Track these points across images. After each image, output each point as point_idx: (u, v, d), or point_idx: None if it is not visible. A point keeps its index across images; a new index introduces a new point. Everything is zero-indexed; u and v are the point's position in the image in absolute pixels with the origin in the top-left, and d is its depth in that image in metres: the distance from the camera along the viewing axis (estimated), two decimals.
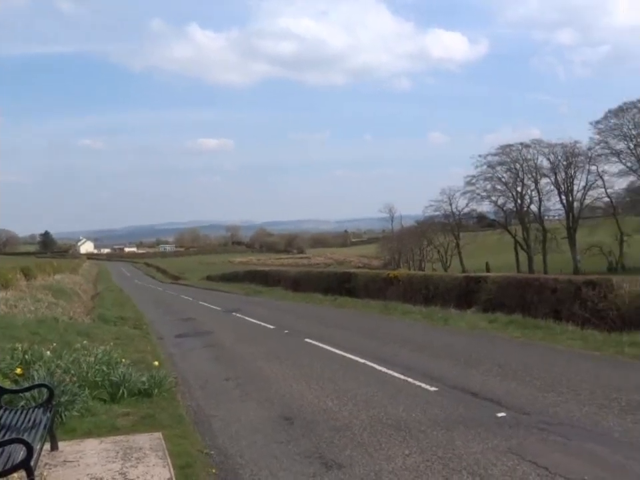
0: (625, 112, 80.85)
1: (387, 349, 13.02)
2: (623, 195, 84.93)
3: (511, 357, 11.17)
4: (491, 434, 6.63)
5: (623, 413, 7.18)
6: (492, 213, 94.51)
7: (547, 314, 15.51)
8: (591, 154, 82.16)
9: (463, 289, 20.16)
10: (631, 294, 13.86)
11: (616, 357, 10.80)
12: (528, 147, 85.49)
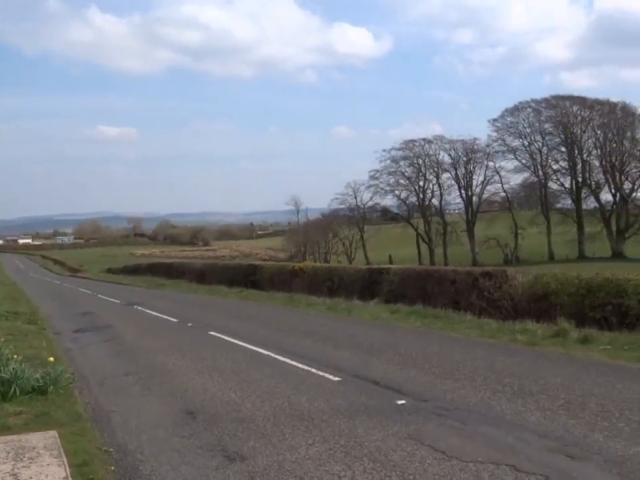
0: (521, 111, 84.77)
1: (291, 340, 13.08)
2: (518, 190, 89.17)
3: (411, 346, 11.49)
4: (392, 421, 6.78)
5: (515, 397, 7.53)
6: (395, 207, 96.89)
7: (447, 304, 16.06)
8: (489, 150, 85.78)
9: (366, 280, 20.54)
10: (524, 284, 14.55)
11: (509, 345, 11.32)
12: (430, 142, 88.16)
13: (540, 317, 13.31)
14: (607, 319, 12.20)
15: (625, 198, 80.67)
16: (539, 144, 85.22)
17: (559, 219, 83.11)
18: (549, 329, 12.05)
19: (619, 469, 5.18)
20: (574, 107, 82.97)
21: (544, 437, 6.02)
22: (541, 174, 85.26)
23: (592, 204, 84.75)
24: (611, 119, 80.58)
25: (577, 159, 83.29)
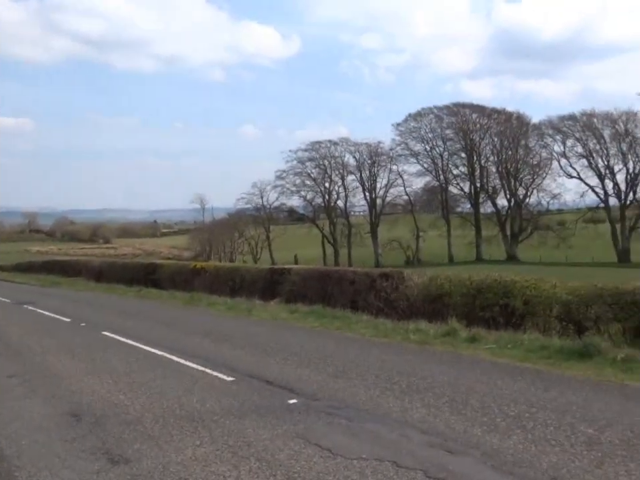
0: (423, 116, 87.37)
1: (188, 340, 12.90)
2: (420, 193, 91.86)
3: (307, 346, 11.59)
4: (281, 420, 6.82)
5: (402, 395, 7.75)
6: (301, 207, 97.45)
7: (345, 304, 16.31)
8: (392, 154, 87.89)
9: (268, 280, 20.54)
10: (419, 285, 14.98)
11: (402, 344, 11.63)
12: (336, 144, 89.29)
13: (433, 317, 13.74)
14: (494, 319, 12.75)
15: (519, 203, 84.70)
16: (440, 149, 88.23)
17: (459, 223, 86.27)
18: (441, 329, 12.45)
19: (493, 461, 5.43)
20: (473, 114, 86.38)
21: (426, 433, 6.23)
22: (442, 178, 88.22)
23: (489, 208, 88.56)
24: (507, 128, 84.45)
25: (475, 165, 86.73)
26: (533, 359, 9.70)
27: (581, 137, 79.55)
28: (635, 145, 76.78)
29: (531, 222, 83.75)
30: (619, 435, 5.98)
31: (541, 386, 7.98)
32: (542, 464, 5.33)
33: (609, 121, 77.84)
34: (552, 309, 12.11)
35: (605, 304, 11.14)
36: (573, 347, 9.84)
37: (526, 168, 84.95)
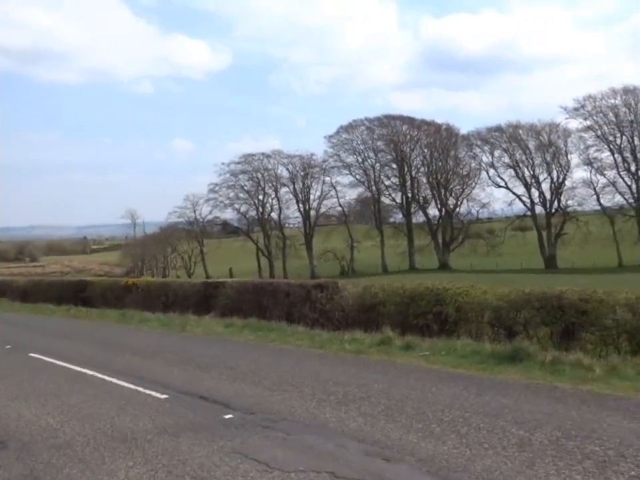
0: (355, 128, 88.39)
1: (119, 358, 12.57)
2: (353, 204, 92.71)
3: (242, 360, 11.48)
4: (217, 436, 6.71)
5: (339, 405, 7.76)
6: (235, 220, 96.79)
7: (281, 316, 16.26)
8: (325, 166, 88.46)
9: (201, 295, 20.29)
10: (353, 295, 15.08)
11: (338, 354, 11.66)
12: (269, 157, 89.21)
13: (368, 326, 13.85)
14: (428, 326, 12.95)
15: (450, 213, 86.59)
16: (372, 160, 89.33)
17: (391, 232, 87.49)
18: (376, 338, 12.55)
19: (429, 467, 5.48)
20: (404, 126, 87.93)
21: (363, 442, 6.24)
22: (374, 189, 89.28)
23: (421, 218, 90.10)
24: (437, 139, 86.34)
25: (406, 176, 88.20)
26: (465, 364, 9.88)
27: (508, 147, 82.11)
28: (558, 155, 79.80)
29: (461, 231, 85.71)
30: (549, 436, 6.14)
31: (474, 391, 8.13)
32: (476, 467, 5.41)
33: (533, 132, 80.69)
34: (483, 314, 12.40)
35: (533, 309, 11.48)
36: (504, 352, 10.08)
37: (456, 178, 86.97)
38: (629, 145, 76.22)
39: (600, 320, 10.61)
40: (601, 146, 77.77)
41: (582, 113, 77.61)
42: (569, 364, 9.13)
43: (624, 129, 76.12)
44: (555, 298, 11.24)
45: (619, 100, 75.89)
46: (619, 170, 76.86)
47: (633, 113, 75.33)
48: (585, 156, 78.52)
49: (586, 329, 10.93)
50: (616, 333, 10.49)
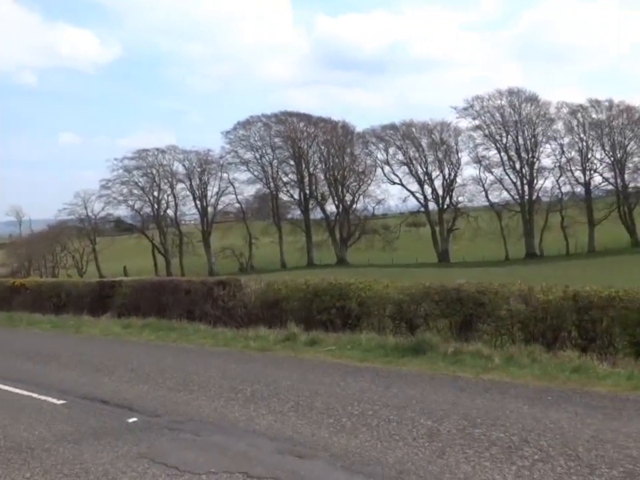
0: (252, 125, 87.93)
1: (9, 363, 11.84)
2: (251, 201, 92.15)
3: (144, 361, 11.10)
4: (122, 441, 6.43)
5: (247, 403, 7.64)
6: (129, 217, 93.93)
7: (182, 315, 15.86)
8: (222, 162, 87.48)
9: (97, 294, 19.49)
10: (256, 292, 14.94)
11: (243, 352, 11.51)
12: (164, 152, 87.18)
13: (272, 322, 13.77)
14: (332, 321, 13.02)
15: (347, 209, 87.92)
16: (269, 157, 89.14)
17: (290, 229, 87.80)
18: (281, 334, 12.49)
19: (342, 461, 5.48)
20: (301, 123, 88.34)
21: (275, 440, 6.17)
22: (272, 186, 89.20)
23: (319, 214, 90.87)
24: (333, 136, 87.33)
25: (304, 172, 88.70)
26: (371, 358, 10.00)
27: (402, 145, 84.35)
28: (450, 153, 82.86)
29: (358, 226, 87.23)
30: (456, 425, 6.30)
31: (381, 384, 8.24)
32: (388, 459, 5.47)
33: (426, 131, 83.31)
34: (385, 308, 12.60)
35: (433, 302, 11.79)
36: (408, 344, 10.29)
37: (352, 175, 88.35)
38: (514, 144, 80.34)
39: (496, 311, 11.03)
40: (488, 144, 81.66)
41: (471, 113, 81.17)
42: (470, 354, 9.44)
43: (509, 129, 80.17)
44: (454, 291, 11.58)
45: (505, 101, 79.89)
46: (505, 168, 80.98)
47: (517, 113, 79.44)
48: (474, 154, 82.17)
49: (483, 320, 11.34)
50: (510, 323, 10.94)
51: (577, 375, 8.12)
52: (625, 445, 5.48)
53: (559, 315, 10.32)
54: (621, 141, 79.91)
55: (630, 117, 79.24)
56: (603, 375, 8.04)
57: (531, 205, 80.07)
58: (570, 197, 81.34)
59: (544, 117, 79.84)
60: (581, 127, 79.77)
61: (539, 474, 4.99)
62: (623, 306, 9.66)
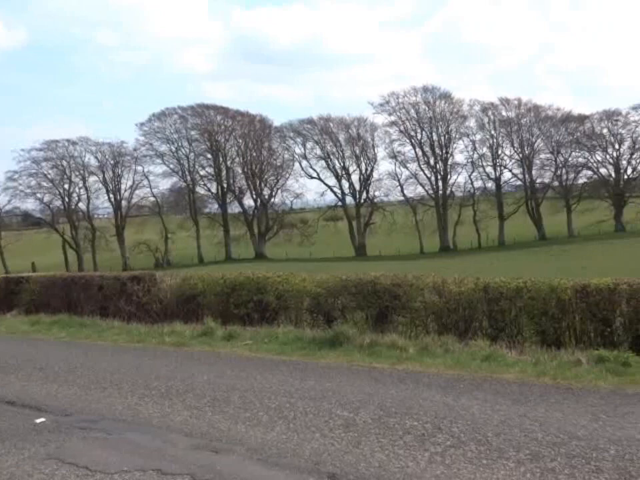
0: (168, 117, 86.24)
1: None
2: (167, 194, 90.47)
3: (54, 359, 10.69)
4: (29, 442, 6.18)
5: (162, 399, 7.50)
6: (38, 211, 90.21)
7: (94, 311, 15.41)
8: (137, 154, 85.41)
9: (2, 291, 18.66)
10: (172, 287, 14.68)
11: (158, 347, 11.27)
12: (75, 144, 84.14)
13: (189, 317, 13.57)
14: (249, 315, 12.96)
15: (265, 203, 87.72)
16: (186, 150, 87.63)
17: (207, 223, 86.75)
18: (197, 329, 12.33)
19: (259, 455, 5.46)
20: (218, 116, 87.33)
21: (190, 436, 6.08)
22: (189, 179, 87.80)
23: (236, 208, 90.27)
24: (251, 130, 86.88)
25: (222, 166, 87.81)
26: (288, 351, 10.01)
27: (319, 140, 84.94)
28: (366, 148, 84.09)
29: (276, 221, 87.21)
30: (372, 415, 6.39)
31: (299, 376, 8.26)
32: (305, 451, 5.49)
33: (343, 126, 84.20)
34: (303, 301, 12.66)
35: (350, 294, 11.93)
36: (325, 337, 10.35)
37: (270, 169, 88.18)
38: (428, 140, 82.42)
39: (410, 303, 11.28)
40: (404, 140, 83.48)
41: (387, 109, 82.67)
42: (385, 345, 9.59)
43: (424, 125, 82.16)
44: (370, 283, 11.75)
45: (420, 98, 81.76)
46: (420, 163, 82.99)
47: (432, 110, 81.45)
48: (390, 149, 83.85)
49: (398, 311, 11.57)
50: (425, 314, 11.21)
51: (487, 363, 8.39)
52: (531, 429, 5.71)
53: (471, 306, 10.65)
54: (529, 138, 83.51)
55: (537, 115, 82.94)
56: (512, 362, 8.34)
57: (445, 199, 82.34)
58: (482, 191, 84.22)
59: (457, 114, 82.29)
60: (492, 125, 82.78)
61: (451, 459, 5.14)
62: (530, 296, 10.06)
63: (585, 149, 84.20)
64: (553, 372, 7.67)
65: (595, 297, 9.64)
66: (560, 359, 8.26)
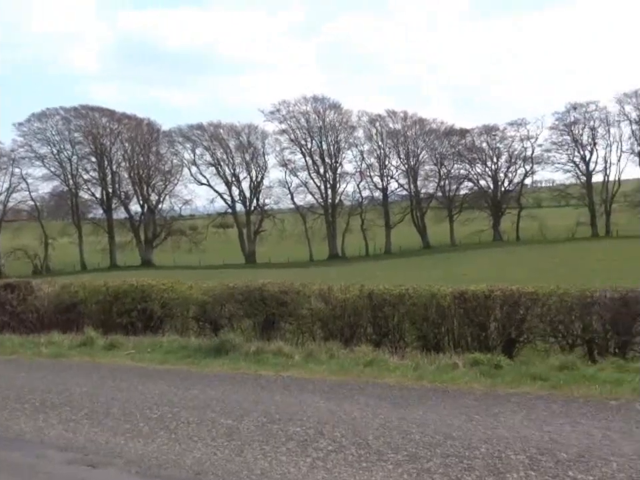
0: (49, 117, 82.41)
1: None
2: (47, 199, 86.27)
3: None
4: None
5: (36, 413, 7.14)
6: None
7: None
8: (14, 156, 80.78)
9: None
10: (50, 295, 14.03)
11: (33, 359, 10.71)
12: None
13: (68, 327, 12.99)
14: (133, 324, 12.62)
15: (152, 209, 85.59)
16: (68, 152, 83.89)
17: (91, 229, 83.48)
18: (77, 339, 11.84)
19: (137, 467, 5.33)
20: (103, 118, 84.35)
21: (65, 450, 5.83)
22: (71, 183, 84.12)
23: (122, 214, 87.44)
24: (138, 134, 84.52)
25: (107, 170, 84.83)
26: (172, 360, 9.81)
27: (209, 146, 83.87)
28: (257, 155, 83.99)
29: (164, 227, 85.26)
30: (255, 422, 6.39)
31: (182, 385, 8.11)
32: (186, 461, 5.41)
33: (233, 133, 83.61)
34: (189, 310, 12.50)
35: (237, 302, 11.89)
36: (211, 345, 10.23)
37: (158, 174, 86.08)
38: (318, 149, 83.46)
39: (297, 310, 11.39)
40: (294, 149, 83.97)
41: (278, 117, 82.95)
42: (272, 353, 9.60)
43: (314, 134, 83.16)
44: (257, 291, 11.76)
45: (310, 107, 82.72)
46: (310, 172, 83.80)
47: (322, 119, 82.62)
48: (280, 157, 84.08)
49: (285, 319, 11.65)
50: (311, 321, 11.35)
51: (370, 368, 8.59)
52: (409, 431, 5.91)
53: (356, 313, 10.89)
54: (414, 150, 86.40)
55: (422, 127, 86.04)
56: (393, 367, 8.58)
57: (334, 208, 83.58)
58: (369, 201, 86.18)
59: (346, 125, 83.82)
60: (379, 136, 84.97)
61: (332, 464, 5.22)
62: (412, 302, 10.43)
63: (466, 162, 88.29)
64: (431, 375, 7.96)
65: (471, 302, 10.13)
66: (438, 363, 8.59)
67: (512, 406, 6.58)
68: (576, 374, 7.70)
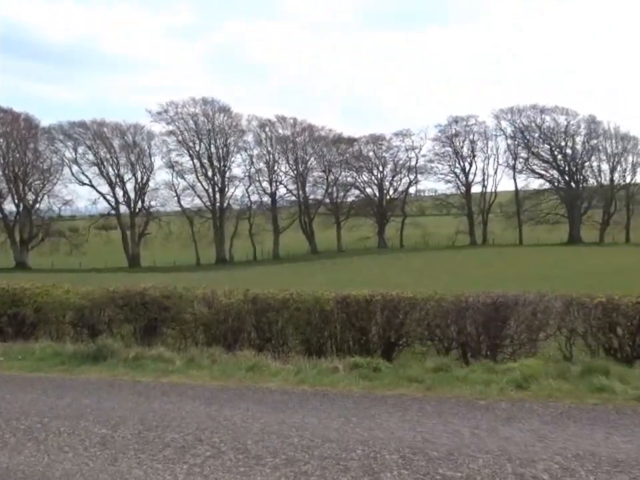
0: None
1: None
2: None
3: None
4: None
5: None
6: None
7: None
8: None
9: None
10: None
11: None
12: None
13: None
14: (3, 330, 11.96)
15: (29, 209, 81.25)
16: None
17: None
18: None
19: None
20: None
21: None
22: None
23: None
24: (14, 129, 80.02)
25: None
26: (45, 367, 9.35)
27: (92, 144, 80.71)
28: (143, 156, 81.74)
29: (42, 228, 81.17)
30: (131, 430, 6.20)
31: (54, 394, 7.75)
32: (55, 473, 5.18)
33: (118, 132, 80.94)
34: (65, 315, 11.98)
35: (117, 306, 11.53)
36: (87, 351, 9.84)
37: (36, 172, 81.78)
38: (206, 151, 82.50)
39: (180, 315, 11.18)
40: (182, 151, 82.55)
41: (165, 118, 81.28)
42: (151, 358, 9.36)
43: (202, 137, 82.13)
44: (139, 295, 11.46)
45: (199, 109, 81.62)
46: (198, 174, 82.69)
47: (211, 122, 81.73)
48: (167, 159, 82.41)
49: (167, 324, 11.41)
50: (194, 326, 11.18)
51: (252, 373, 8.56)
52: (288, 435, 5.94)
53: (240, 317, 10.84)
54: (303, 156, 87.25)
55: (311, 134, 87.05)
56: (275, 371, 8.60)
57: (222, 212, 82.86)
58: (258, 205, 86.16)
59: (236, 128, 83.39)
60: (269, 141, 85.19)
61: (209, 469, 5.16)
62: (296, 307, 10.50)
63: (354, 169, 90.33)
64: (312, 379, 8.05)
65: (353, 307, 10.34)
66: (320, 367, 8.69)
67: (388, 408, 6.77)
68: (449, 376, 8.03)
